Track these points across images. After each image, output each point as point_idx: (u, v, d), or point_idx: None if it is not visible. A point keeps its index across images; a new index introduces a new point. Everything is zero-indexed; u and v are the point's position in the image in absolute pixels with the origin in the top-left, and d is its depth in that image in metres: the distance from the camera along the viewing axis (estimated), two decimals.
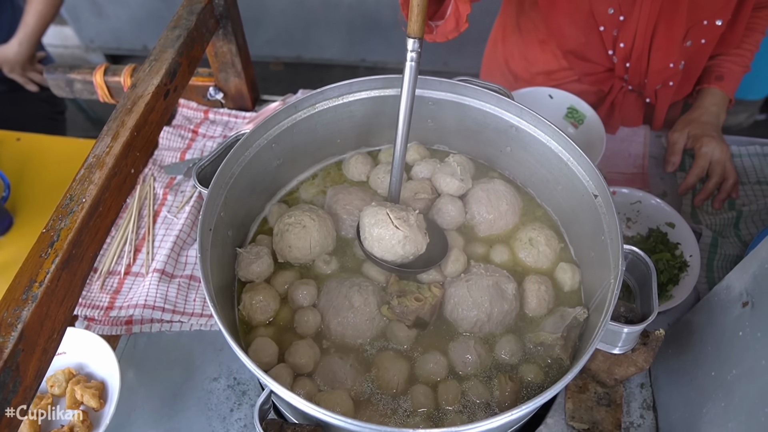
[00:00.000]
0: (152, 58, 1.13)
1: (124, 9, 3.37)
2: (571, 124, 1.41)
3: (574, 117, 1.41)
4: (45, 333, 0.85)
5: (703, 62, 1.40)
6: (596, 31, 1.35)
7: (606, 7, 1.30)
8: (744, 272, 0.86)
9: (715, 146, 1.32)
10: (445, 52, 3.28)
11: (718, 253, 1.23)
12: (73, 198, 0.93)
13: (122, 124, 1.02)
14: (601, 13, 1.31)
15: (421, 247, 0.97)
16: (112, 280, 1.24)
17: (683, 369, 1.00)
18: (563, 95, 1.42)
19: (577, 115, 1.40)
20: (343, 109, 1.07)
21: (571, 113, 1.41)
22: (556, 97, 1.42)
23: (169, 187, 1.38)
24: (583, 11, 1.33)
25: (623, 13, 1.30)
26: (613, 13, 1.31)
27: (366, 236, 0.97)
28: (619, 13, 1.30)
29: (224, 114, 1.51)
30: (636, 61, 1.37)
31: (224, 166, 0.93)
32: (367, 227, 0.96)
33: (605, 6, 1.30)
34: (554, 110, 1.41)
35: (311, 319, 0.96)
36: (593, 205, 0.93)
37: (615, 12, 1.30)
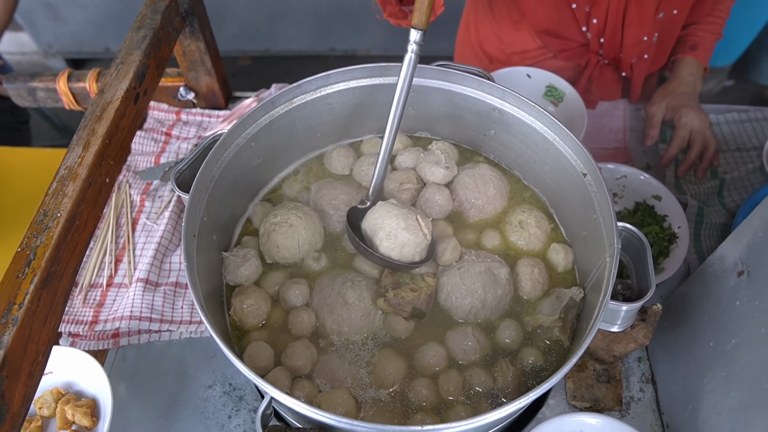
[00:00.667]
0: (118, 61, 1.08)
1: (82, 11, 3.26)
2: (551, 102, 1.40)
3: (553, 95, 1.40)
4: (29, 356, 0.81)
5: (676, 33, 1.40)
6: (568, 8, 1.34)
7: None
8: (737, 242, 0.86)
9: (694, 116, 1.32)
10: (404, 38, 3.25)
11: (704, 222, 1.24)
12: (47, 213, 0.89)
13: (93, 132, 0.98)
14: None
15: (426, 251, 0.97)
16: (94, 293, 1.19)
17: (680, 341, 1.00)
18: (541, 74, 1.40)
19: (556, 92, 1.39)
20: (321, 102, 1.04)
21: (550, 91, 1.40)
22: (534, 76, 1.41)
23: (146, 193, 1.33)
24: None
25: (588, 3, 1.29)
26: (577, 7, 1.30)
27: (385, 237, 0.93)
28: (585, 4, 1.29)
29: (197, 114, 1.47)
30: (610, 36, 1.37)
31: (204, 169, 0.90)
32: (392, 230, 0.93)
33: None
34: (533, 89, 1.40)
35: (306, 319, 0.93)
36: (582, 183, 0.92)
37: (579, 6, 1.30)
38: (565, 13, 1.35)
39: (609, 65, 1.44)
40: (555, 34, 1.42)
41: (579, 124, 1.29)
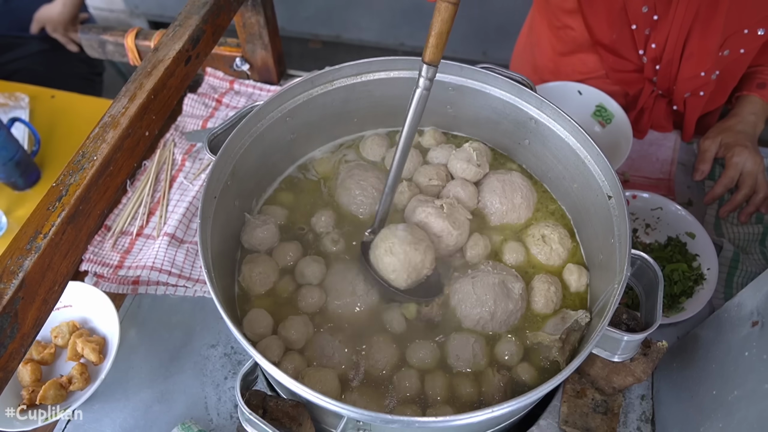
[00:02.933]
0: (177, 23, 1.13)
1: None
2: (599, 122, 1.37)
3: (602, 115, 1.37)
4: (46, 284, 0.86)
5: (741, 72, 1.33)
6: (628, 28, 1.29)
7: (640, 5, 1.24)
8: (758, 290, 0.82)
9: (747, 156, 1.26)
10: (483, 42, 3.22)
11: (740, 269, 1.18)
12: (85, 155, 0.94)
13: (140, 87, 1.02)
14: (635, 10, 1.26)
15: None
16: (124, 240, 1.25)
17: (686, 384, 0.96)
18: (593, 92, 1.37)
19: (605, 113, 1.36)
20: (361, 88, 1.05)
21: (600, 111, 1.37)
22: (585, 94, 1.38)
23: (189, 153, 1.39)
24: (617, 6, 1.27)
25: (658, 13, 1.24)
26: (648, 12, 1.25)
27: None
28: (653, 12, 1.24)
29: (249, 86, 1.51)
30: (666, 65, 1.32)
31: (234, 136, 0.93)
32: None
33: (639, 3, 1.24)
34: (582, 107, 1.37)
35: (317, 297, 0.95)
36: (606, 206, 0.90)
37: (649, 10, 1.24)
38: (625, 32, 1.31)
39: (663, 97, 1.39)
40: (610, 49, 1.38)
41: (623, 149, 1.26)
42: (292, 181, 1.12)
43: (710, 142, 1.32)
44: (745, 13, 1.19)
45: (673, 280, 1.11)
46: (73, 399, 1.03)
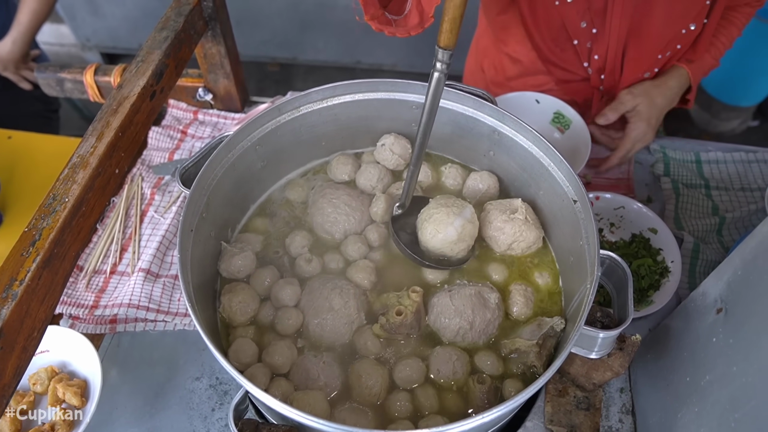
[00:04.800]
0: (139, 59, 1.13)
1: (120, 8, 3.37)
2: (558, 129, 1.42)
3: (560, 122, 1.41)
4: (25, 331, 0.85)
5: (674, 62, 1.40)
6: (570, 43, 1.35)
7: (579, 21, 1.30)
8: (719, 279, 0.87)
9: (644, 133, 1.34)
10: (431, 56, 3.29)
11: (700, 258, 1.24)
12: (56, 197, 0.93)
13: (107, 125, 1.02)
14: (574, 26, 1.31)
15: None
16: (97, 279, 1.24)
17: (661, 374, 1.01)
18: (550, 100, 1.42)
19: (563, 120, 1.41)
20: (327, 112, 1.07)
21: (558, 118, 1.42)
22: (542, 102, 1.42)
23: (157, 187, 1.38)
24: (556, 24, 1.33)
25: (596, 26, 1.30)
26: (586, 27, 1.31)
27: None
28: (591, 26, 1.30)
29: (213, 115, 1.52)
30: (609, 73, 1.38)
31: (206, 168, 0.94)
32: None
33: (578, 19, 1.30)
34: (540, 115, 1.42)
35: (293, 317, 0.96)
36: (572, 210, 0.94)
37: (588, 25, 1.30)
38: (568, 48, 1.37)
39: (612, 100, 1.45)
40: (559, 66, 1.44)
41: (583, 153, 1.31)
42: (265, 208, 1.13)
43: (630, 99, 1.35)
44: (678, 16, 1.26)
45: (640, 274, 1.16)
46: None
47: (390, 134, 1.13)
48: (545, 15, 1.33)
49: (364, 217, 1.08)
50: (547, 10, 1.32)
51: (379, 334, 0.95)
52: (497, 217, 1.03)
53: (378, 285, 1.02)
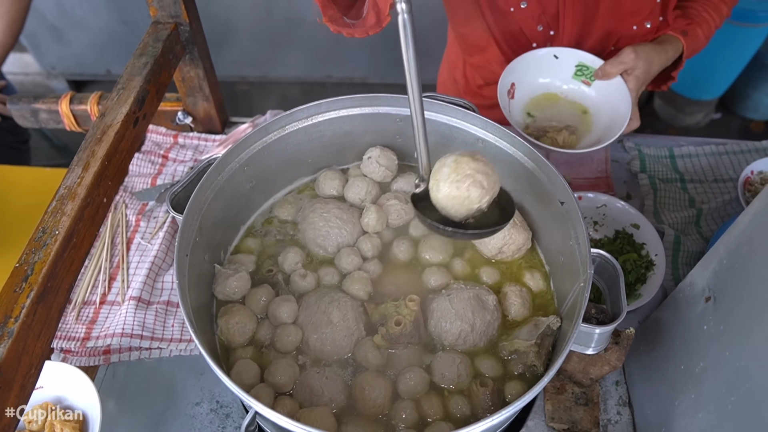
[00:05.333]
0: (120, 86, 1.13)
1: (86, 34, 3.34)
2: (583, 82, 1.31)
3: (584, 74, 1.30)
4: (23, 369, 0.84)
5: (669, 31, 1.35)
6: (530, 47, 1.38)
7: (535, 25, 1.34)
8: (705, 269, 0.90)
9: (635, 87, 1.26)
10: (399, 67, 3.32)
11: (682, 250, 1.28)
12: (46, 230, 0.92)
13: (92, 154, 1.02)
14: (532, 30, 1.35)
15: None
16: (87, 311, 1.22)
17: (655, 365, 1.03)
18: (569, 52, 1.30)
19: (587, 71, 1.30)
20: (312, 130, 1.09)
21: (581, 70, 1.30)
22: (561, 56, 1.31)
23: (142, 213, 1.37)
24: (515, 29, 1.36)
25: (552, 29, 1.34)
26: (543, 30, 1.34)
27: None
28: (548, 29, 1.34)
29: (194, 138, 1.52)
30: None
31: (197, 192, 0.94)
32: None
33: (534, 24, 1.33)
34: (561, 71, 1.33)
35: (293, 334, 0.97)
36: (560, 211, 0.96)
37: (544, 28, 1.34)
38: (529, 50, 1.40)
39: None
40: None
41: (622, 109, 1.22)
42: (255, 228, 1.13)
43: (633, 59, 1.24)
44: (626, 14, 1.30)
45: (627, 269, 1.19)
46: None
47: (375, 147, 1.14)
48: (503, 22, 1.37)
49: (356, 229, 1.09)
50: (504, 17, 1.35)
51: (380, 344, 0.96)
52: None
53: (375, 295, 1.03)
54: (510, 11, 1.32)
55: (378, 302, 1.01)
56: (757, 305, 0.75)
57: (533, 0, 1.29)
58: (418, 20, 0.84)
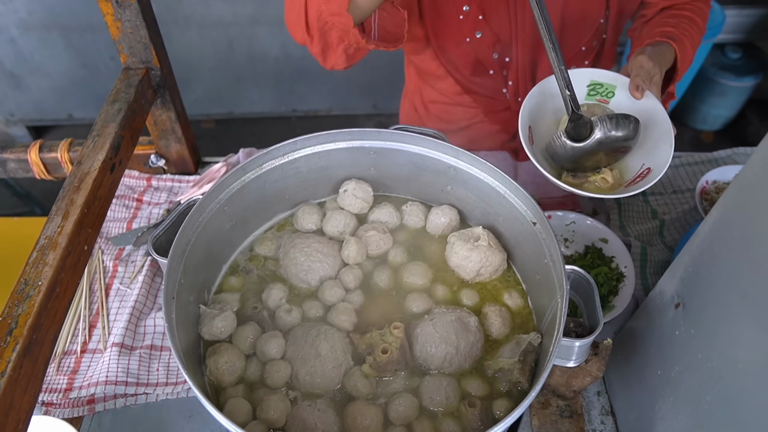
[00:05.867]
0: (95, 133, 1.14)
1: (45, 79, 3.31)
2: (599, 101, 1.18)
3: (599, 92, 1.18)
4: (11, 425, 0.83)
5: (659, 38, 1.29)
6: (488, 74, 1.44)
7: (491, 53, 1.40)
8: (672, 277, 0.95)
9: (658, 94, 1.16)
10: (372, 95, 3.39)
11: (648, 260, 1.34)
12: (28, 282, 0.92)
13: (71, 203, 1.02)
14: (488, 58, 1.41)
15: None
16: (68, 361, 1.21)
17: (633, 372, 1.08)
18: (579, 74, 1.18)
19: (601, 89, 1.18)
20: (289, 167, 1.11)
21: (594, 89, 1.18)
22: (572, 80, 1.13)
23: (119, 258, 1.37)
24: (471, 59, 1.42)
25: (507, 55, 1.40)
26: (498, 57, 1.41)
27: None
28: (503, 56, 1.40)
29: (168, 180, 1.53)
30: (523, 95, 1.45)
31: (181, 234, 0.95)
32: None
33: (490, 52, 1.39)
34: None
35: (282, 369, 0.97)
36: (533, 231, 1.01)
37: (500, 56, 1.40)
38: (487, 78, 1.46)
39: None
40: (482, 95, 1.52)
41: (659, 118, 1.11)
42: (237, 266, 1.14)
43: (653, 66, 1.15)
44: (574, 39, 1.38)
45: (599, 282, 1.24)
46: None
47: (351, 180, 1.17)
48: (459, 51, 1.42)
49: (337, 261, 1.12)
50: (459, 46, 1.41)
51: (369, 373, 0.98)
52: (462, 246, 1.09)
53: (360, 325, 1.05)
54: (466, 41, 1.38)
55: (363, 332, 1.03)
56: (722, 308, 0.80)
57: (488, 29, 1.35)
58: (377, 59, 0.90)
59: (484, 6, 1.32)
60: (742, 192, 0.77)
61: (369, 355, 0.98)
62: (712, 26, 2.98)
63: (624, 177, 1.14)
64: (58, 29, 3.07)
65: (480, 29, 1.35)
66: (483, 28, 1.34)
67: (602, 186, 1.12)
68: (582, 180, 1.14)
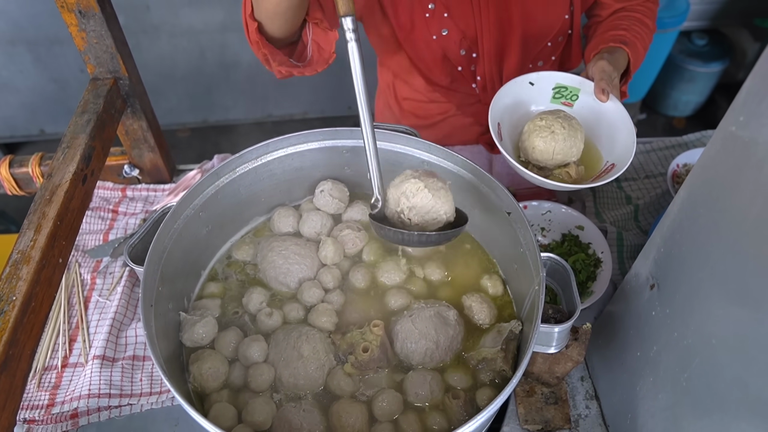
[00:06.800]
0: (64, 145, 1.13)
1: (15, 96, 3.26)
2: (563, 104, 1.22)
3: (563, 95, 1.22)
4: None
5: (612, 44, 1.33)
6: (456, 70, 1.46)
7: (458, 50, 1.41)
8: (646, 258, 0.97)
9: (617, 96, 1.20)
10: (347, 98, 3.39)
11: (624, 245, 1.36)
12: (2, 297, 0.91)
13: (43, 216, 1.01)
14: (455, 55, 1.43)
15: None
16: (49, 376, 1.19)
17: (613, 355, 1.09)
18: (545, 76, 1.23)
19: (566, 92, 1.22)
20: (263, 169, 1.11)
21: (559, 92, 1.22)
22: (537, 82, 1.23)
23: (96, 270, 1.35)
24: (439, 55, 1.43)
25: (474, 51, 1.42)
26: (465, 54, 1.42)
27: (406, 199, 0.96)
28: (471, 52, 1.42)
29: (143, 189, 1.51)
30: (491, 89, 1.48)
31: (156, 242, 0.94)
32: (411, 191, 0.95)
33: (457, 49, 1.41)
34: (540, 96, 1.24)
35: (265, 372, 0.97)
36: (508, 221, 1.02)
37: (467, 52, 1.42)
38: (456, 74, 1.48)
39: None
40: (454, 90, 1.54)
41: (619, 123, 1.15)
42: (216, 272, 1.14)
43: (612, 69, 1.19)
44: (538, 35, 1.40)
45: (577, 269, 1.26)
46: None
47: (327, 180, 1.17)
48: (427, 49, 1.43)
49: (315, 262, 1.12)
50: (428, 44, 1.42)
51: (351, 372, 0.98)
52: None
53: (340, 325, 1.05)
54: (432, 39, 1.39)
55: (344, 331, 1.03)
56: (694, 286, 0.81)
57: (453, 26, 1.37)
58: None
59: (448, 3, 1.33)
60: (705, 171, 0.79)
61: (350, 354, 0.98)
62: (677, 14, 3.04)
63: (589, 172, 1.20)
64: (24, 44, 3.02)
65: (446, 26, 1.36)
66: (449, 25, 1.36)
67: (566, 179, 1.17)
68: (547, 173, 1.19)
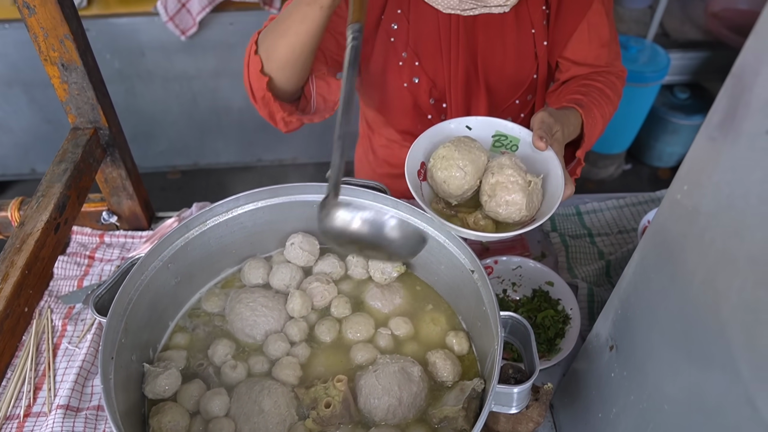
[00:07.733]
0: (39, 194, 1.15)
1: (7, 135, 3.30)
2: (503, 153, 1.12)
3: (503, 144, 1.18)
4: None
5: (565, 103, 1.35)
6: (426, 118, 1.49)
7: (428, 99, 1.44)
8: (606, 319, 0.98)
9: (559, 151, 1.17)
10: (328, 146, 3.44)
11: (596, 301, 1.37)
12: None
13: (12, 264, 1.02)
14: (425, 103, 1.45)
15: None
16: (10, 426, 1.18)
17: (579, 414, 1.09)
18: (484, 122, 1.17)
19: (506, 141, 1.17)
20: (233, 222, 1.13)
21: (499, 140, 1.18)
22: (476, 127, 1.17)
23: (68, 317, 1.35)
24: (409, 104, 1.46)
25: (444, 101, 1.45)
26: (435, 103, 1.45)
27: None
28: (440, 102, 1.45)
29: (120, 236, 1.52)
30: None
31: (121, 293, 0.95)
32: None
33: (427, 97, 1.44)
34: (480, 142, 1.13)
35: (225, 427, 0.97)
36: (471, 279, 1.03)
37: (436, 101, 1.45)
38: (426, 122, 1.49)
39: None
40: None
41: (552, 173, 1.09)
42: (184, 323, 1.14)
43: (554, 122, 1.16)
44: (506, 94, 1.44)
45: (546, 325, 1.26)
46: None
47: (297, 233, 1.19)
48: (399, 97, 1.46)
49: (282, 315, 1.12)
50: (398, 92, 1.45)
51: (312, 428, 0.97)
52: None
53: (305, 378, 1.05)
54: (404, 86, 1.43)
55: (308, 385, 1.03)
56: (647, 350, 0.82)
57: (424, 75, 1.41)
58: None
59: (419, 51, 1.38)
60: (656, 236, 0.81)
61: (313, 410, 0.98)
62: (659, 69, 3.13)
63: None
64: (20, 85, 3.08)
65: (417, 75, 1.40)
66: (419, 73, 1.40)
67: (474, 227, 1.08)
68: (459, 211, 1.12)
